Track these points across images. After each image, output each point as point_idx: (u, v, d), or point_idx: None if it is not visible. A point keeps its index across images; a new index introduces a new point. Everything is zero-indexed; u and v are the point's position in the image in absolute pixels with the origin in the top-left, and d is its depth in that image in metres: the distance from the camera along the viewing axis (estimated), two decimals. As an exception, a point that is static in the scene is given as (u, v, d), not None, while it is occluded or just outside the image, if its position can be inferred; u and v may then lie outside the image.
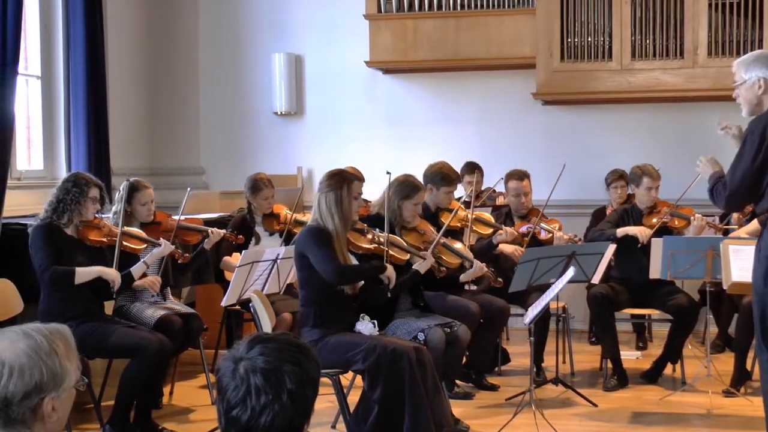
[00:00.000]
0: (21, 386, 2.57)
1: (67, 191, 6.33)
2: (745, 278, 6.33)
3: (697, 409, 7.06)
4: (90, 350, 6.18)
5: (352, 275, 6.11)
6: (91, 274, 6.28)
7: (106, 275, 6.32)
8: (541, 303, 6.30)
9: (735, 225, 8.36)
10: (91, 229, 6.45)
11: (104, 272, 6.32)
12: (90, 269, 6.29)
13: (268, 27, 10.89)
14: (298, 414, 2.51)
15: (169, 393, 7.45)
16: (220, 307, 7.41)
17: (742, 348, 7.48)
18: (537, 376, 7.63)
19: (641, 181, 7.94)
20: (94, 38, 9.18)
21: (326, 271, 5.86)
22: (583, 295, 8.44)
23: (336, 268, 5.85)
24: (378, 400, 5.69)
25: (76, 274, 6.22)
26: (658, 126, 10.09)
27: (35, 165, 9.09)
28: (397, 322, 6.36)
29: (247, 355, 2.52)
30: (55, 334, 2.67)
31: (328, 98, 10.82)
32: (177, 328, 6.75)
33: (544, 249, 7.23)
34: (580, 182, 9.85)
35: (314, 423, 3.24)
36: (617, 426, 6.69)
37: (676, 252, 7.10)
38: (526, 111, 10.31)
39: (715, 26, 9.36)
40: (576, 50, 9.66)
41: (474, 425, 6.59)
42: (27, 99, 9.01)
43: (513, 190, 8.14)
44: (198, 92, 11.04)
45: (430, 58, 10.22)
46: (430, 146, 10.20)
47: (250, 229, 7.97)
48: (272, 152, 10.87)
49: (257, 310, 5.97)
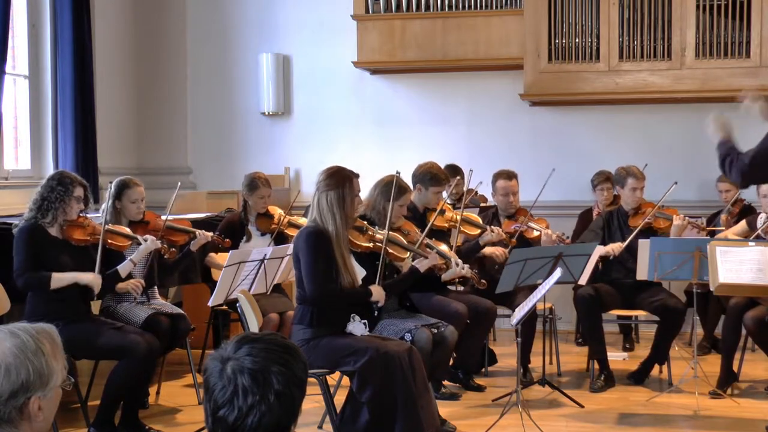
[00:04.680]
0: (7, 385, 2.56)
1: (52, 190, 6.30)
2: (732, 279, 6.36)
3: (684, 410, 7.07)
4: (77, 351, 6.15)
5: (333, 300, 5.89)
6: (66, 281, 6.23)
7: (82, 281, 6.27)
8: (528, 304, 6.30)
9: (723, 226, 8.39)
10: (76, 228, 6.42)
11: (80, 278, 6.27)
12: (65, 275, 6.23)
13: (255, 27, 10.88)
14: (285, 414, 2.51)
15: (156, 393, 7.43)
16: (207, 307, 7.40)
17: (729, 349, 7.50)
18: (524, 377, 7.63)
19: (626, 181, 7.96)
20: (82, 38, 9.17)
21: (309, 288, 5.77)
22: (570, 296, 8.45)
23: (316, 291, 5.74)
24: (368, 402, 5.66)
25: (51, 280, 6.18)
26: (646, 127, 10.11)
27: (22, 164, 9.07)
28: (385, 323, 6.35)
29: (234, 356, 2.52)
30: (42, 333, 2.67)
31: (315, 98, 10.81)
32: (164, 328, 6.74)
33: (531, 250, 7.23)
34: (567, 183, 9.86)
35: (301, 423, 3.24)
36: (604, 427, 6.70)
37: (662, 253, 7.11)
38: (513, 112, 10.32)
39: (702, 28, 9.38)
40: (564, 51, 9.67)
41: (461, 426, 6.59)
42: (14, 98, 8.99)
43: (501, 190, 8.15)
44: (185, 92, 11.02)
45: (417, 58, 10.22)
46: (417, 146, 10.21)
47: (242, 227, 7.96)
48: (260, 152, 10.86)
49: (244, 311, 5.96)
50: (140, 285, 6.76)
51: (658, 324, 7.75)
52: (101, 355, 6.58)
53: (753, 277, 6.34)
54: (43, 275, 6.17)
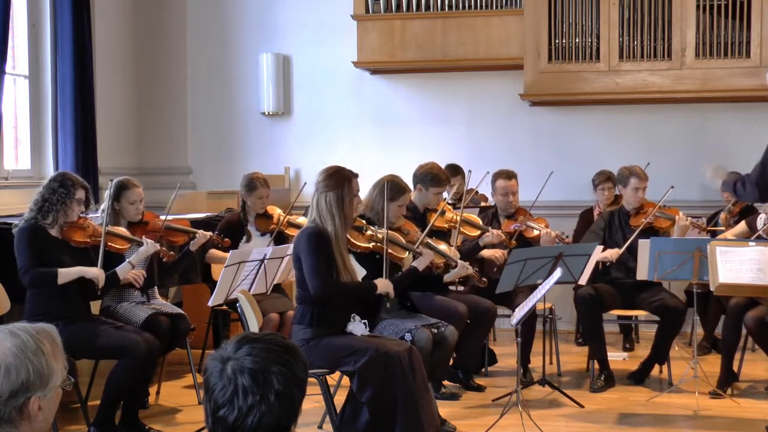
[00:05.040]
0: (7, 385, 2.56)
1: (53, 191, 6.29)
2: (732, 279, 6.36)
3: (684, 410, 7.07)
4: (77, 351, 6.15)
5: (338, 294, 5.90)
6: (72, 275, 6.25)
7: (88, 274, 6.29)
8: (528, 304, 6.29)
9: (722, 227, 8.39)
10: (76, 229, 6.42)
11: (86, 272, 6.29)
12: (71, 270, 6.25)
13: (255, 27, 10.88)
14: (285, 414, 2.51)
15: (156, 393, 7.43)
16: (207, 307, 7.39)
17: (729, 349, 7.50)
18: (524, 377, 7.62)
19: (628, 181, 7.96)
20: (82, 38, 9.17)
21: (313, 284, 5.77)
22: (570, 296, 8.45)
23: (320, 287, 5.75)
24: (368, 402, 5.66)
25: (58, 275, 6.19)
26: (646, 127, 10.10)
27: (22, 164, 9.07)
28: (385, 323, 6.35)
29: (234, 355, 2.52)
30: (42, 333, 2.67)
31: (315, 98, 10.81)
32: (164, 328, 6.73)
33: (531, 250, 7.22)
34: (567, 183, 9.86)
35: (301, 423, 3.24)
36: (604, 427, 6.70)
37: (663, 253, 7.11)
38: (513, 112, 10.32)
39: (702, 27, 9.38)
40: (564, 51, 9.67)
41: (461, 426, 6.59)
42: (14, 98, 8.99)
43: (501, 189, 8.15)
44: (186, 92, 11.02)
45: (417, 58, 10.22)
46: (417, 147, 10.21)
47: (242, 228, 7.96)
48: (260, 152, 10.86)
49: (244, 311, 5.96)
50: (142, 275, 6.74)
51: (659, 324, 7.74)
52: (101, 355, 6.58)
53: (753, 277, 6.34)
54: (49, 271, 6.17)
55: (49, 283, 6.19)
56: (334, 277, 5.81)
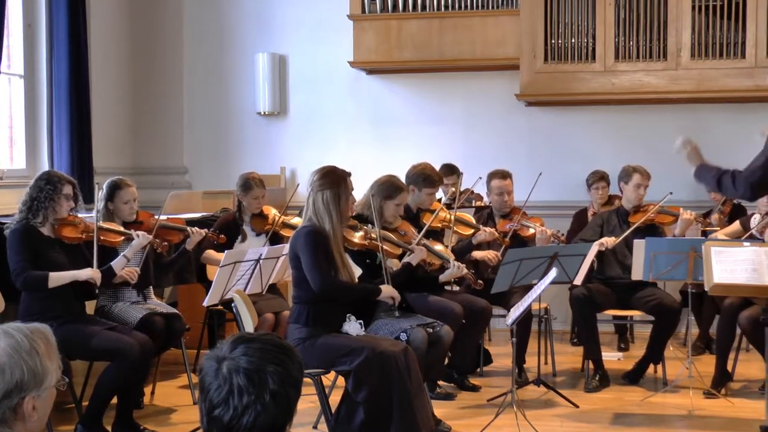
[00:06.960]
0: (1, 385, 2.56)
1: (41, 189, 6.31)
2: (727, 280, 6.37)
3: (679, 410, 7.08)
4: (72, 351, 6.15)
5: (340, 293, 5.92)
6: (65, 279, 6.25)
7: (80, 277, 6.29)
8: (523, 304, 6.30)
9: (716, 226, 8.40)
10: (67, 226, 6.43)
11: (78, 275, 6.29)
12: (63, 274, 6.25)
13: (252, 27, 10.88)
14: (280, 414, 2.51)
15: (151, 393, 7.43)
16: (202, 307, 7.39)
17: (723, 349, 7.50)
18: (519, 377, 7.63)
19: (632, 177, 7.97)
20: (78, 37, 9.16)
21: (314, 281, 5.77)
22: (564, 296, 8.45)
23: (323, 282, 5.76)
24: (363, 402, 5.66)
25: (49, 279, 6.19)
26: (642, 128, 10.11)
27: (18, 164, 9.07)
28: (380, 323, 6.35)
29: (230, 355, 2.52)
30: (36, 333, 2.67)
31: (311, 98, 10.81)
32: (159, 328, 6.73)
33: (526, 250, 7.24)
34: (562, 183, 9.88)
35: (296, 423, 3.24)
36: (599, 427, 6.70)
37: (658, 253, 7.12)
38: (509, 112, 10.32)
39: (698, 28, 9.39)
40: (559, 51, 9.67)
41: (456, 426, 6.59)
42: (9, 98, 8.99)
43: (496, 189, 8.15)
44: (181, 92, 11.02)
45: (414, 58, 10.22)
46: (413, 147, 10.21)
47: (237, 227, 7.96)
48: (256, 152, 10.86)
49: (239, 310, 5.96)
50: (135, 272, 6.73)
51: (654, 324, 7.75)
52: (95, 356, 6.59)
53: (748, 277, 6.34)
54: (40, 275, 6.17)
55: (40, 288, 6.19)
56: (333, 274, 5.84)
